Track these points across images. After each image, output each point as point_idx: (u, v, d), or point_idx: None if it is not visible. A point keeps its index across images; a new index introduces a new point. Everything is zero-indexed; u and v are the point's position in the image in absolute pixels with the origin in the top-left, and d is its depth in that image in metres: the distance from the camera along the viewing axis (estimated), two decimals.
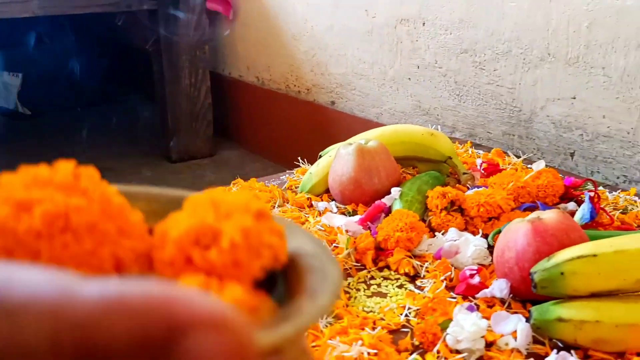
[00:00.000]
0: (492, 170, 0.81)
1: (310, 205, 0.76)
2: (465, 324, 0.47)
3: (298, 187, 0.81)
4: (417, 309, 0.54)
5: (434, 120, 1.19)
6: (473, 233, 0.66)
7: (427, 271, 0.60)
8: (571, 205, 0.71)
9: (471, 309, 0.51)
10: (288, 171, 0.87)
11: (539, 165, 0.78)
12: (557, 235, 0.52)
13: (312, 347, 0.48)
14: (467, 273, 0.56)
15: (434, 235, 0.66)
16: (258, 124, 1.71)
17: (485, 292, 0.54)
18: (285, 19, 1.51)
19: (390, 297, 0.57)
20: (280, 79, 1.59)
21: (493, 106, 1.08)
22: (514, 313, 0.51)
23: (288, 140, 1.59)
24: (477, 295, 0.55)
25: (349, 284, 0.60)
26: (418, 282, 0.59)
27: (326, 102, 1.46)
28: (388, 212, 0.69)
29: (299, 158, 0.89)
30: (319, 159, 0.82)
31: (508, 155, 0.90)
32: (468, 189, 0.75)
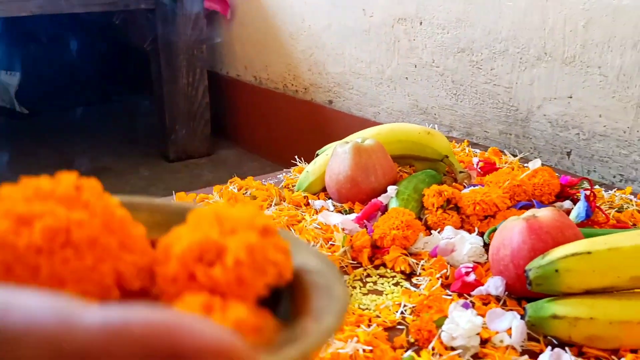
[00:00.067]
0: (488, 169, 0.81)
1: (307, 204, 0.76)
2: (460, 321, 0.47)
3: (295, 185, 0.81)
4: (413, 307, 0.54)
5: (432, 120, 1.19)
6: (469, 231, 0.66)
7: (422, 269, 0.60)
8: (567, 203, 0.72)
9: (466, 306, 0.51)
10: (285, 170, 0.87)
11: (535, 163, 0.78)
12: (552, 233, 0.52)
13: None
14: (463, 271, 0.57)
15: (430, 234, 0.66)
16: (256, 124, 1.72)
17: (481, 289, 0.54)
18: (282, 18, 1.51)
19: (386, 294, 0.57)
20: (277, 79, 1.60)
21: (490, 105, 1.08)
22: (509, 310, 0.51)
23: (286, 140, 1.59)
24: (472, 293, 0.55)
25: (344, 281, 0.60)
26: (414, 280, 0.59)
27: (324, 101, 1.46)
28: (384, 210, 0.69)
29: (296, 157, 0.89)
30: (315, 157, 0.82)
31: (505, 154, 0.90)
32: (464, 187, 0.76)
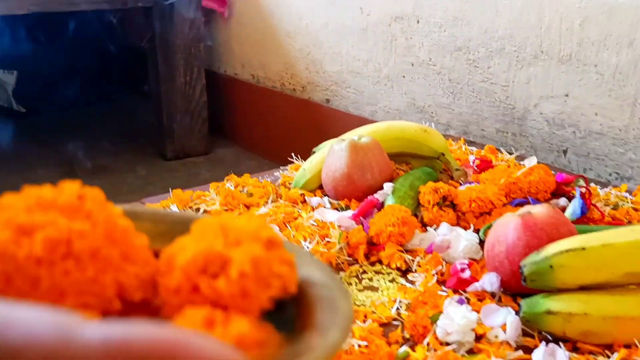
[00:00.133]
0: (484, 167, 0.81)
1: (304, 201, 0.76)
2: (455, 316, 0.47)
3: (292, 183, 0.81)
4: (408, 303, 0.54)
5: (428, 118, 1.19)
6: (465, 228, 0.66)
7: (418, 265, 0.60)
8: (562, 201, 0.72)
9: (461, 302, 0.51)
10: (282, 167, 0.87)
11: (531, 161, 0.78)
12: (547, 229, 0.52)
13: None
14: (458, 267, 0.57)
15: (426, 230, 0.66)
16: (253, 122, 1.72)
17: (476, 285, 0.54)
18: (280, 17, 1.51)
19: (382, 291, 0.57)
20: (275, 77, 1.60)
21: (487, 104, 1.08)
22: (504, 306, 0.51)
23: (283, 138, 1.59)
24: (467, 289, 0.55)
25: (340, 278, 0.60)
26: (409, 277, 0.59)
27: (321, 99, 1.46)
28: (380, 207, 0.69)
29: (293, 154, 0.89)
30: (312, 155, 0.83)
31: (501, 152, 0.90)
32: (460, 185, 0.76)
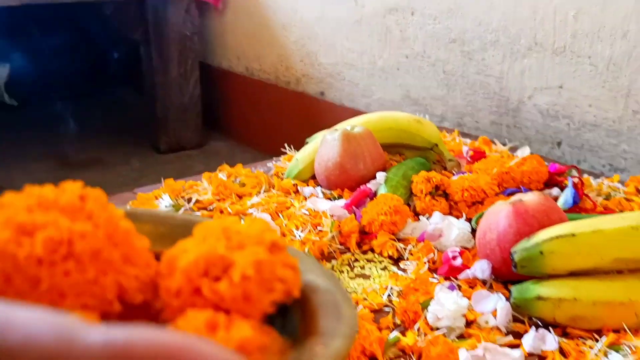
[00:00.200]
0: (478, 158, 0.81)
1: (296, 191, 0.76)
2: (446, 302, 0.47)
3: (284, 173, 0.81)
4: (400, 290, 0.54)
5: (423, 110, 1.19)
6: (457, 217, 0.66)
7: (410, 253, 0.60)
8: (555, 191, 0.72)
9: (452, 287, 0.51)
10: (275, 158, 0.87)
11: (524, 151, 0.78)
12: (538, 216, 0.52)
13: None
14: (450, 255, 0.57)
15: (418, 220, 0.66)
16: (248, 115, 1.71)
17: (467, 273, 0.54)
18: (275, 9, 1.51)
19: (374, 278, 0.57)
20: (270, 70, 1.59)
21: (481, 95, 1.08)
22: (495, 293, 0.51)
23: (278, 131, 1.59)
24: (459, 277, 0.55)
25: (332, 266, 0.60)
26: (401, 265, 0.59)
27: (316, 92, 1.46)
28: (373, 197, 0.69)
29: (286, 144, 0.89)
30: (305, 145, 0.82)
31: (495, 143, 0.90)
32: (453, 175, 0.76)
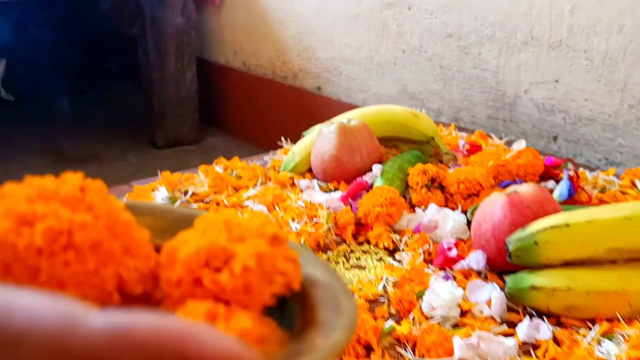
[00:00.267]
0: (474, 152, 0.81)
1: (293, 184, 0.76)
2: (441, 292, 0.48)
3: (281, 166, 0.81)
4: (395, 280, 0.54)
5: (420, 105, 1.19)
6: (453, 209, 0.66)
7: (406, 245, 0.61)
8: (550, 183, 0.72)
9: (447, 277, 0.51)
10: (271, 151, 0.87)
11: (519, 144, 0.78)
12: (533, 207, 0.52)
13: None
14: (445, 246, 0.57)
15: (414, 212, 0.66)
16: (245, 110, 1.71)
17: (462, 263, 0.55)
18: (272, 4, 1.51)
19: (369, 269, 0.57)
20: (267, 64, 1.59)
21: (478, 90, 1.08)
22: (490, 282, 0.51)
23: (275, 127, 1.59)
24: (454, 267, 0.55)
25: (328, 257, 0.60)
26: (397, 256, 0.59)
27: (313, 87, 1.46)
28: (369, 189, 0.69)
29: (282, 138, 0.89)
30: (302, 138, 0.82)
31: (491, 137, 0.91)
32: (449, 167, 0.76)
